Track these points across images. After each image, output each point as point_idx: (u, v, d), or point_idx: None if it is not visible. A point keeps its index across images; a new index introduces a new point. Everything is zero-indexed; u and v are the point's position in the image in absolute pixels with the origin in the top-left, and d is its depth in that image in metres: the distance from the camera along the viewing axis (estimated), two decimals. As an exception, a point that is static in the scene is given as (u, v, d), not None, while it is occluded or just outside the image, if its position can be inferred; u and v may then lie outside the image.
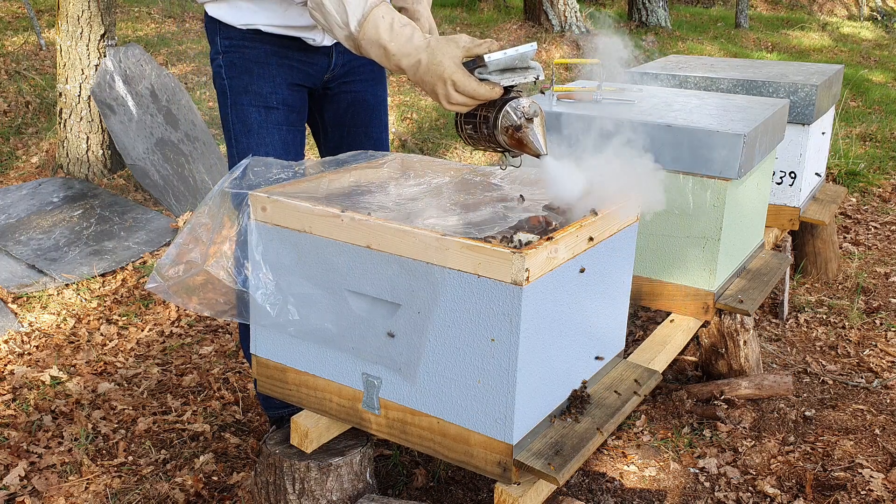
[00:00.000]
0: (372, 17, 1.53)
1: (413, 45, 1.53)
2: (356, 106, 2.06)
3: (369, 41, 1.54)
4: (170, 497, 2.11)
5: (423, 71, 1.51)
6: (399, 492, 2.11)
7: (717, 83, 2.87)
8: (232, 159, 1.93)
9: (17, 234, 3.68)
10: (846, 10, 13.78)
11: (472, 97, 1.50)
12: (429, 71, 1.51)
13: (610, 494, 2.11)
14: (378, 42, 1.53)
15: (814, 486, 2.15)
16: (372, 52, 1.56)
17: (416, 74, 1.53)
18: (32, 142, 4.76)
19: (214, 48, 1.92)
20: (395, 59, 1.54)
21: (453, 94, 1.50)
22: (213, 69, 1.95)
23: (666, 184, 2.18)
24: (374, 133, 2.11)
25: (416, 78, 1.54)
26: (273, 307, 1.62)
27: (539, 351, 1.43)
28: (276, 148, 1.91)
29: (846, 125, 6.13)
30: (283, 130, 1.92)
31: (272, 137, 1.90)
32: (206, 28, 1.96)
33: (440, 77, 1.50)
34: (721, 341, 2.49)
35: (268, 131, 1.90)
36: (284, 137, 1.92)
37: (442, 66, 1.49)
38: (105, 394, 2.59)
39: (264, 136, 1.90)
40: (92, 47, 4.23)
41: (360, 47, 1.57)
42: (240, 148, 1.90)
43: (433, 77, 1.51)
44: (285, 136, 1.93)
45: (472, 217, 1.52)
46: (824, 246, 3.48)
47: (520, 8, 10.25)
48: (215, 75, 1.94)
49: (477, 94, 1.49)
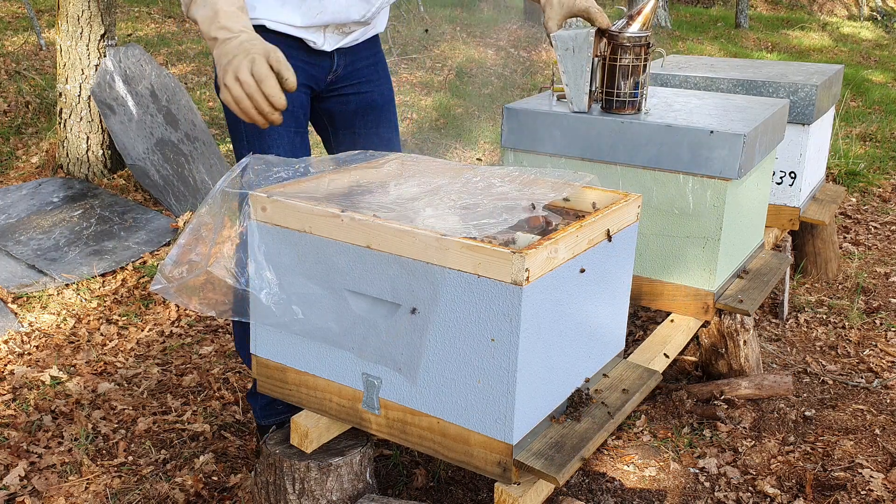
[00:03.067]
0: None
1: (240, 25, 1.52)
2: (365, 108, 2.05)
3: (206, 0, 1.52)
4: (170, 497, 2.11)
5: (234, 44, 1.48)
6: (399, 492, 2.11)
7: (717, 83, 2.87)
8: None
9: (17, 234, 3.68)
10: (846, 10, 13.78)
11: (260, 81, 1.43)
12: (241, 45, 1.47)
13: (610, 494, 2.11)
14: (213, 4, 1.51)
15: (814, 486, 2.15)
16: (200, 10, 1.52)
17: (225, 47, 1.49)
18: (32, 142, 4.76)
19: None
20: (216, 25, 1.50)
21: (244, 70, 1.43)
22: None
23: (666, 184, 2.19)
24: (385, 134, 2.10)
25: (220, 50, 1.49)
26: (277, 307, 1.62)
27: (539, 351, 1.43)
28: (286, 150, 1.90)
29: (846, 125, 6.13)
30: (292, 132, 1.92)
31: (282, 139, 1.90)
32: None
33: (247, 52, 1.45)
34: (721, 341, 2.49)
35: (278, 133, 1.89)
36: (293, 140, 1.92)
37: (254, 46, 1.46)
38: (105, 394, 2.59)
39: (275, 139, 1.89)
40: (92, 47, 4.24)
41: (193, 2, 1.54)
42: (253, 151, 1.89)
43: (239, 50, 1.46)
44: (293, 138, 1.92)
45: (472, 217, 1.52)
46: (824, 246, 3.48)
47: (520, 8, 10.25)
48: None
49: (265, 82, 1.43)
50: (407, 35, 8.16)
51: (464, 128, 5.79)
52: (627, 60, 2.13)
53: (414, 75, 7.06)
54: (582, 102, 2.21)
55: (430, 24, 8.81)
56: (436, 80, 6.94)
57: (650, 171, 2.18)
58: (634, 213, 1.69)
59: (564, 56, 2.15)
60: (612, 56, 2.15)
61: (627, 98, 2.19)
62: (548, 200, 1.59)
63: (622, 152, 2.19)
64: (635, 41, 2.12)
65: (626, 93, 2.19)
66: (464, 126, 5.82)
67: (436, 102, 6.28)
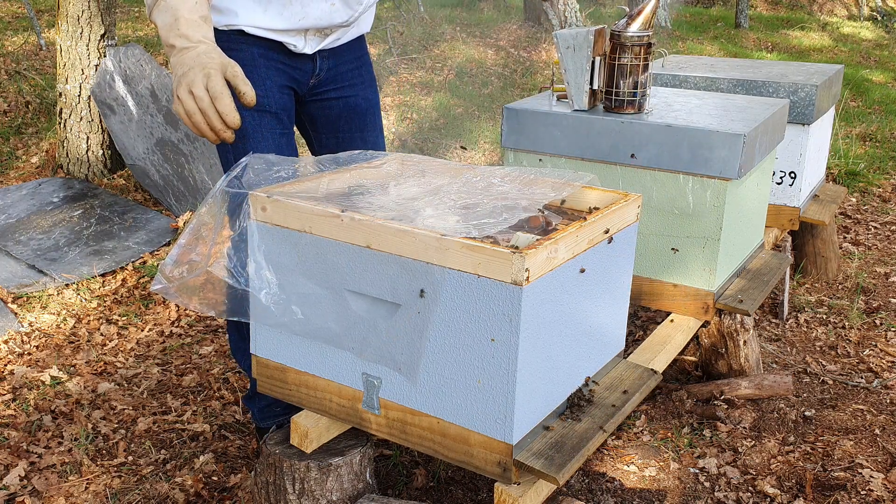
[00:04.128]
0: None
1: (200, 34, 1.48)
2: (348, 112, 2.03)
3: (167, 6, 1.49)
4: (170, 497, 2.11)
5: (192, 56, 1.44)
6: (399, 492, 2.11)
7: (717, 83, 2.87)
8: (227, 164, 1.90)
9: (17, 234, 3.68)
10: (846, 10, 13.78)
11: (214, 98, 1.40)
12: (198, 57, 1.44)
13: (610, 494, 2.11)
14: (175, 11, 1.48)
15: (814, 486, 2.15)
16: (161, 16, 1.49)
17: (182, 56, 1.45)
18: (32, 142, 4.76)
19: None
20: (175, 32, 1.47)
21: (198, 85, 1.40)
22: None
23: (666, 184, 2.19)
24: (370, 138, 2.08)
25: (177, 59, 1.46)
26: (277, 307, 1.62)
27: (539, 351, 1.44)
28: (272, 152, 1.87)
29: (846, 125, 6.13)
30: (277, 134, 1.90)
31: (267, 142, 1.88)
32: None
33: (203, 65, 1.42)
34: (721, 341, 2.49)
35: (262, 135, 1.87)
36: (278, 141, 1.90)
37: (211, 60, 1.43)
38: (105, 394, 2.59)
39: (259, 141, 1.87)
40: (92, 47, 4.24)
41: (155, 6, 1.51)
42: (237, 153, 1.87)
43: (196, 62, 1.43)
44: (279, 140, 1.90)
45: (472, 217, 1.52)
46: (824, 246, 3.48)
47: (520, 8, 10.25)
48: None
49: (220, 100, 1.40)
50: (407, 35, 8.16)
51: (464, 128, 5.79)
52: (628, 60, 2.14)
53: (414, 75, 7.06)
54: (582, 100, 2.21)
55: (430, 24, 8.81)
56: (436, 80, 6.94)
57: (650, 171, 2.18)
58: (634, 213, 1.69)
59: (565, 54, 2.15)
60: (612, 55, 2.16)
61: (627, 97, 2.20)
62: (548, 200, 1.60)
63: (622, 152, 2.19)
64: (636, 41, 2.12)
65: (626, 92, 2.19)
66: (464, 126, 5.82)
67: (436, 102, 6.28)
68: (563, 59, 2.18)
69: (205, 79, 1.41)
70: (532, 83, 7.09)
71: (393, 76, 6.94)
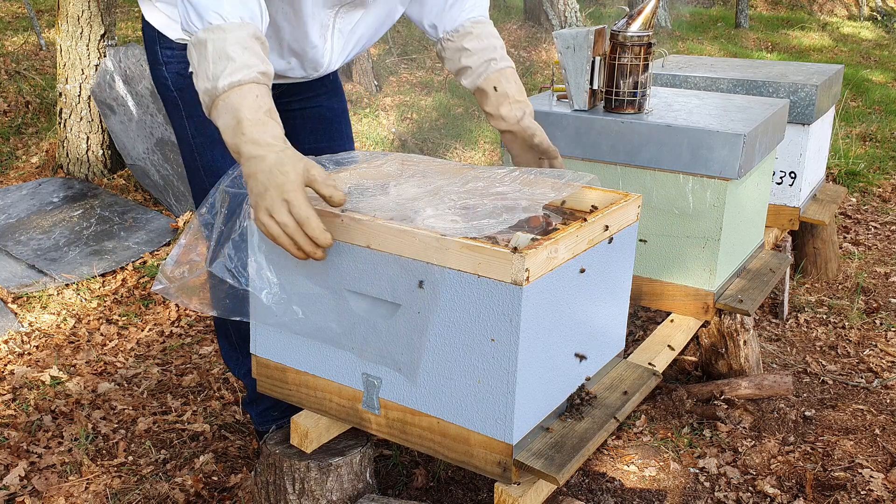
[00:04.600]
0: (248, 88, 1.37)
1: (269, 136, 1.35)
2: (313, 122, 1.99)
3: (227, 106, 1.36)
4: (170, 497, 2.11)
5: (263, 169, 1.33)
6: (399, 492, 2.11)
7: (717, 83, 2.87)
8: (196, 172, 1.84)
9: (17, 234, 3.68)
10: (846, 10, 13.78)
11: (301, 223, 1.33)
12: (270, 173, 1.32)
13: (610, 494, 2.11)
14: (236, 112, 1.35)
15: (814, 486, 2.15)
16: (222, 117, 1.37)
17: (253, 168, 1.34)
18: (32, 142, 4.76)
19: (154, 57, 1.80)
20: (242, 138, 1.35)
21: (280, 211, 1.32)
22: (156, 79, 1.82)
23: (666, 184, 2.19)
24: (338, 147, 2.03)
25: (249, 171, 1.35)
26: (278, 307, 1.62)
27: (539, 351, 1.43)
28: None
29: (846, 125, 6.13)
30: None
31: None
32: (144, 34, 1.82)
33: (278, 186, 1.32)
34: (721, 341, 2.49)
35: None
36: None
37: (287, 177, 1.32)
38: (105, 394, 2.59)
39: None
40: (92, 47, 4.24)
41: (214, 107, 1.39)
42: (204, 161, 1.81)
43: (270, 182, 1.32)
44: None
45: (472, 217, 1.51)
46: (824, 246, 3.48)
47: (520, 8, 10.25)
48: (161, 87, 1.82)
49: (307, 224, 1.32)
50: (407, 35, 8.16)
51: (464, 128, 5.79)
52: (628, 60, 2.14)
53: (414, 75, 7.06)
54: (582, 100, 2.21)
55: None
56: (436, 80, 6.94)
57: (650, 171, 2.18)
58: (634, 213, 1.69)
59: (565, 54, 2.15)
60: (612, 55, 2.16)
61: (627, 97, 2.20)
62: (548, 200, 1.59)
63: (622, 152, 2.19)
64: (636, 41, 2.12)
65: (626, 92, 2.19)
66: (464, 126, 5.82)
67: (436, 102, 6.28)
68: (563, 59, 2.18)
69: (285, 205, 1.32)
70: (532, 83, 7.09)
71: (393, 76, 6.94)
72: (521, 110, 1.87)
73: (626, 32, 2.12)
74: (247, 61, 1.39)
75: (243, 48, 1.39)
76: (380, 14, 1.78)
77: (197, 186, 1.88)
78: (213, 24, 1.38)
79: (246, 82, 1.38)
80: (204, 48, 1.38)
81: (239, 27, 1.40)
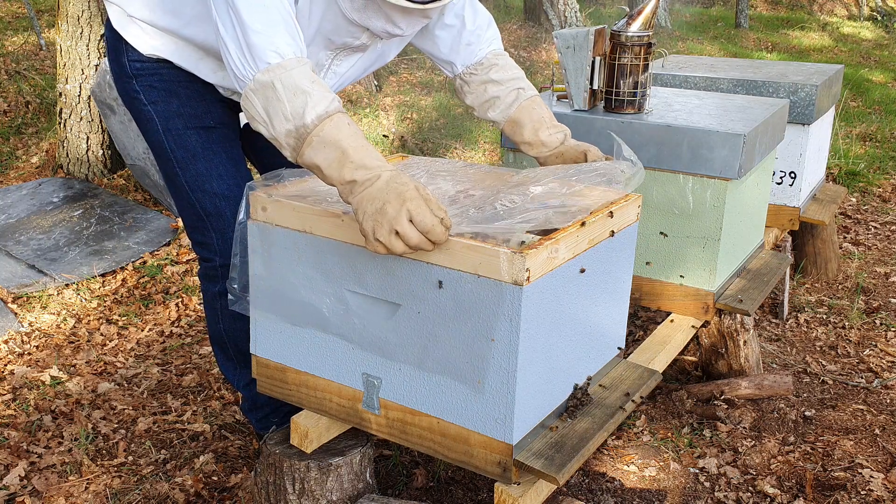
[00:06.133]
0: (338, 118, 1.36)
1: (375, 159, 1.35)
2: None
3: (324, 140, 1.35)
4: (170, 497, 2.11)
5: (379, 187, 1.32)
6: (399, 492, 2.11)
7: (717, 83, 2.87)
8: (181, 188, 1.79)
9: (17, 234, 3.68)
10: (846, 10, 13.78)
11: (426, 232, 1.30)
12: (387, 187, 1.31)
13: (610, 494, 2.11)
14: (337, 143, 1.34)
15: (814, 486, 2.15)
16: (320, 153, 1.35)
17: (366, 192, 1.33)
18: (32, 142, 4.76)
19: (122, 68, 1.74)
20: (351, 166, 1.34)
21: (404, 224, 1.29)
22: (125, 92, 1.76)
23: (666, 184, 2.19)
24: None
25: (362, 195, 1.33)
26: (277, 307, 1.62)
27: (539, 351, 1.43)
28: (227, 167, 1.78)
29: (846, 125, 6.13)
30: (228, 147, 1.80)
31: (220, 157, 1.78)
32: (108, 42, 1.77)
33: (399, 195, 1.30)
34: (721, 341, 2.49)
35: (214, 152, 1.77)
36: (231, 154, 1.80)
37: (406, 186, 1.31)
38: (105, 394, 2.59)
39: (212, 158, 1.77)
40: (92, 47, 4.24)
41: (306, 144, 1.37)
42: (188, 175, 1.77)
43: (389, 195, 1.30)
44: (231, 153, 1.80)
45: (473, 217, 1.51)
46: (824, 246, 3.48)
47: (520, 8, 10.25)
48: (130, 100, 1.77)
49: (433, 232, 1.30)
50: (407, 35, 8.14)
51: (464, 128, 5.79)
52: (628, 60, 2.14)
53: (414, 75, 7.06)
54: (582, 100, 2.21)
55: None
56: (436, 80, 6.94)
57: (650, 171, 2.18)
58: (634, 213, 1.69)
59: (565, 54, 2.15)
60: (612, 55, 2.16)
61: (627, 97, 2.20)
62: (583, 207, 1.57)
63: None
64: (636, 41, 2.12)
65: (626, 92, 2.19)
66: (464, 126, 5.82)
67: (436, 102, 6.28)
68: (563, 59, 2.18)
69: (407, 214, 1.30)
70: (532, 83, 7.09)
71: (393, 76, 6.94)
72: (561, 133, 1.85)
73: (627, 32, 2.12)
74: (323, 93, 1.37)
75: (311, 81, 1.37)
76: (372, 56, 1.78)
77: (182, 202, 1.83)
78: (271, 63, 1.36)
79: (333, 112, 1.36)
80: (271, 90, 1.35)
81: (298, 62, 1.38)
